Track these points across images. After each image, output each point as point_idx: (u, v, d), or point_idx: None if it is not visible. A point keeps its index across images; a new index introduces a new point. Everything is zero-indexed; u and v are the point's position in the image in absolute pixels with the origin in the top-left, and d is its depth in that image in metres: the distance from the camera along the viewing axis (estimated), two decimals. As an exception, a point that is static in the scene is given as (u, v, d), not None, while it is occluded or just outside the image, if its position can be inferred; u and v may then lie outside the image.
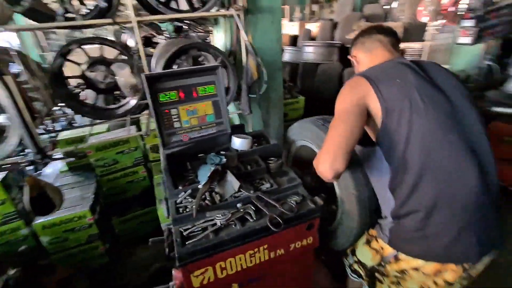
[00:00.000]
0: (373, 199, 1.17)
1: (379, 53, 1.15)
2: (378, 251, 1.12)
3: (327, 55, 4.03)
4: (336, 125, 1.00)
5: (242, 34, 1.62)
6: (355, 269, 1.28)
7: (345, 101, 1.02)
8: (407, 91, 0.95)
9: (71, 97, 1.99)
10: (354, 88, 1.03)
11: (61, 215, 1.80)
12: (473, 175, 0.90)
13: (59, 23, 1.36)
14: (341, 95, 1.05)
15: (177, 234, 1.05)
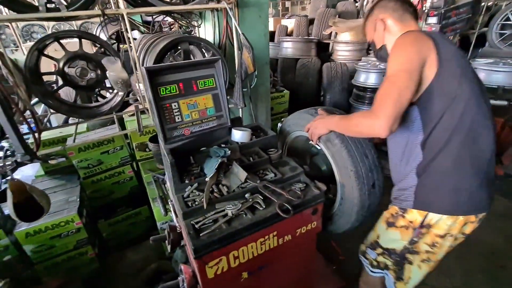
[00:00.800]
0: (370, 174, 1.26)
1: (412, 25, 1.10)
2: (408, 226, 1.13)
3: (305, 50, 4.14)
4: (395, 80, 0.96)
5: (237, 28, 1.62)
6: (380, 262, 1.27)
7: (408, 53, 0.97)
8: (454, 56, 1.00)
9: (49, 94, 1.86)
10: (418, 41, 0.98)
11: (46, 220, 1.69)
12: (491, 136, 1.01)
13: (42, 14, 1.26)
14: (402, 46, 1.00)
15: (189, 227, 1.04)
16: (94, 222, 2.14)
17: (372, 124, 0.97)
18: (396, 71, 0.97)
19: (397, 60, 0.99)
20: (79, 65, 1.88)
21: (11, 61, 1.49)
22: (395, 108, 0.93)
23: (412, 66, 0.95)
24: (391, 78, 0.97)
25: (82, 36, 1.89)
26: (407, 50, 0.98)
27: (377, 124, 0.95)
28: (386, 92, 0.96)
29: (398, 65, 0.97)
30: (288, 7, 8.91)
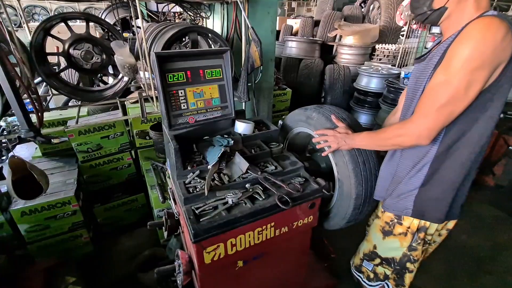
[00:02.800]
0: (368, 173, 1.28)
1: (487, 3, 0.83)
2: (406, 232, 1.11)
3: (309, 51, 4.16)
4: (456, 85, 0.80)
5: (246, 21, 1.63)
6: (379, 273, 1.24)
7: (486, 55, 0.75)
8: None
9: (53, 75, 1.85)
10: (503, 40, 0.73)
11: (43, 200, 1.68)
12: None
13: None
14: (482, 42, 0.75)
15: (190, 212, 1.06)
16: (90, 207, 2.14)
17: (411, 131, 0.91)
18: (457, 71, 0.79)
19: (468, 58, 0.76)
20: (85, 48, 1.87)
21: (18, 39, 1.48)
22: (443, 120, 0.86)
23: (484, 73, 0.78)
24: (450, 80, 0.80)
25: (90, 19, 1.88)
26: (485, 49, 0.75)
27: (415, 134, 0.90)
28: (438, 97, 0.83)
29: (467, 67, 0.77)
30: (294, 7, 8.93)
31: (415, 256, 1.13)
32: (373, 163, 1.34)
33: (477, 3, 0.81)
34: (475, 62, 0.76)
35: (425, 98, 0.88)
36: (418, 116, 0.89)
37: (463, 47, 0.77)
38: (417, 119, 0.90)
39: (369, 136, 1.12)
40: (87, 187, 2.22)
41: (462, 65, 0.78)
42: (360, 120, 3.28)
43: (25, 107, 1.17)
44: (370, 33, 3.92)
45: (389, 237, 1.15)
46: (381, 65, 3.39)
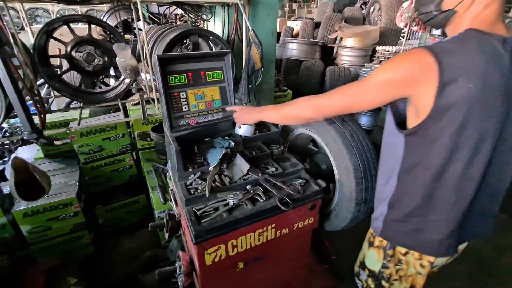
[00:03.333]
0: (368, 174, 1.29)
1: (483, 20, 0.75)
2: (380, 246, 1.05)
3: (309, 52, 4.18)
4: (364, 87, 0.86)
5: (247, 23, 1.65)
6: (369, 284, 1.16)
7: (396, 76, 0.80)
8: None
9: (55, 77, 1.87)
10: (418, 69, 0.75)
11: (45, 202, 1.69)
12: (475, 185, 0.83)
13: (57, -4, 1.28)
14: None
15: (191, 214, 1.07)
16: (92, 208, 2.15)
17: (302, 104, 1.03)
18: (372, 78, 0.85)
19: (383, 69, 0.82)
20: (87, 50, 1.89)
21: (21, 42, 1.50)
22: (339, 106, 0.95)
23: (389, 89, 0.82)
24: (364, 81, 0.87)
25: (92, 21, 1.90)
26: (398, 68, 0.78)
27: (302, 108, 1.02)
28: (349, 87, 0.92)
29: (378, 75, 0.83)
30: (295, 9, 8.96)
31: (387, 274, 1.05)
32: (374, 165, 1.34)
33: (475, 18, 0.75)
34: (386, 74, 0.79)
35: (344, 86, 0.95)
36: (326, 94, 0.97)
37: (389, 60, 0.82)
38: (323, 96, 0.98)
39: (275, 107, 1.17)
40: (89, 189, 2.23)
41: (376, 72, 0.82)
42: (361, 122, 3.29)
43: (28, 109, 1.18)
44: (371, 35, 3.93)
45: (371, 248, 1.09)
46: (382, 67, 3.40)
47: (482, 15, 0.74)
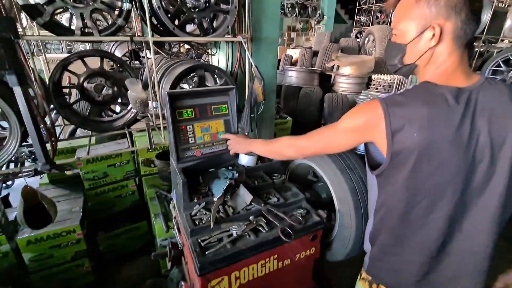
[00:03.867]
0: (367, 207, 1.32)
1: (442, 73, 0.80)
2: (366, 279, 1.04)
3: (308, 80, 4.35)
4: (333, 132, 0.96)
5: (250, 60, 1.77)
6: None
7: (355, 123, 0.89)
8: None
9: (66, 106, 1.95)
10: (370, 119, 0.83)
11: (49, 229, 1.71)
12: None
13: (77, 37, 1.40)
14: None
15: (196, 245, 1.10)
16: (93, 234, 2.15)
17: (285, 145, 1.12)
18: (338, 125, 0.93)
19: (347, 116, 0.90)
20: (98, 81, 2.00)
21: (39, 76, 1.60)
22: (316, 147, 1.03)
23: (350, 135, 0.92)
24: (334, 125, 0.95)
25: (104, 56, 2.03)
26: (357, 117, 0.87)
27: (285, 150, 1.11)
28: (323, 130, 1.00)
29: (343, 122, 0.91)
30: (294, 37, 9.42)
31: None
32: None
33: (435, 70, 0.80)
34: (350, 121, 0.87)
35: (319, 129, 1.03)
36: (304, 136, 1.04)
37: (349, 112, 0.89)
38: (302, 138, 1.05)
39: (263, 143, 1.26)
40: (91, 215, 2.25)
41: (343, 119, 0.90)
42: (359, 148, 3.34)
43: (43, 140, 1.24)
44: (366, 64, 4.12)
45: (360, 280, 1.09)
46: (378, 94, 3.54)
47: (442, 67, 0.79)
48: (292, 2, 8.23)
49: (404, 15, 0.81)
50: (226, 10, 1.75)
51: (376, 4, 7.29)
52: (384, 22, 7.19)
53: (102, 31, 1.46)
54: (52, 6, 1.33)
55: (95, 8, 1.45)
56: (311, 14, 8.62)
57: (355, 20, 7.83)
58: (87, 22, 1.38)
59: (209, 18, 1.74)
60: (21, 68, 1.16)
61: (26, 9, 1.28)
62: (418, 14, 0.77)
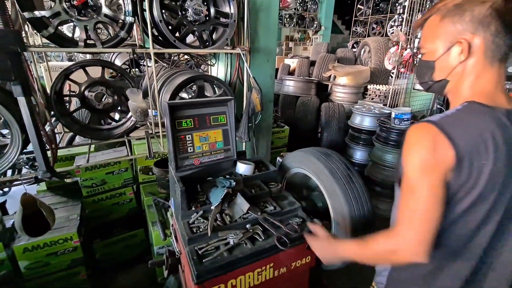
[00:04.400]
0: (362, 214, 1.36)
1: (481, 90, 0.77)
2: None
3: (305, 89, 4.43)
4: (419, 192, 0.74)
5: (248, 71, 1.82)
6: None
7: (426, 163, 0.75)
8: None
9: (66, 114, 1.98)
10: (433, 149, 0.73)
11: (46, 236, 1.71)
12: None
13: (81, 49, 1.44)
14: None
15: (193, 253, 1.12)
16: (89, 242, 2.15)
17: (397, 251, 0.77)
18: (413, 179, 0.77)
19: (414, 163, 0.75)
20: (99, 90, 2.04)
21: (41, 85, 1.64)
22: (429, 229, 0.74)
23: (430, 178, 0.75)
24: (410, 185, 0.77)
25: (105, 65, 2.07)
26: (422, 154, 0.74)
27: (407, 253, 0.75)
28: (411, 204, 0.76)
29: (415, 172, 0.75)
30: (291, 47, 9.58)
31: None
32: (366, 203, 1.42)
33: (472, 87, 0.76)
34: (419, 168, 0.73)
35: (402, 203, 0.79)
36: (402, 226, 0.77)
37: (406, 153, 0.76)
38: (402, 230, 0.77)
39: (355, 250, 0.91)
40: (88, 222, 2.25)
41: (411, 171, 0.75)
42: (355, 157, 3.40)
43: (45, 149, 1.27)
44: (362, 74, 4.21)
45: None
46: (374, 104, 3.61)
47: (480, 84, 0.76)
48: (290, 12, 8.41)
49: (430, 34, 0.80)
50: (225, 23, 1.81)
51: (372, 16, 7.47)
52: (379, 33, 7.36)
53: (105, 43, 1.50)
54: (57, 19, 1.37)
55: (99, 21, 1.49)
56: (308, 25, 8.81)
57: (352, 31, 8.00)
58: (91, 34, 1.42)
59: (208, 31, 1.80)
60: (26, 79, 1.20)
61: (32, 22, 1.33)
62: (443, 31, 0.76)
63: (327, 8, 8.66)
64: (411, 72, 3.63)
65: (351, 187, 1.40)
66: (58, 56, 6.65)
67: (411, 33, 3.43)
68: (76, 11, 1.43)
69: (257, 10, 2.03)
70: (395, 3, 6.68)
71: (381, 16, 7.34)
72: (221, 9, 1.80)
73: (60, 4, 1.38)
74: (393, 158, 2.83)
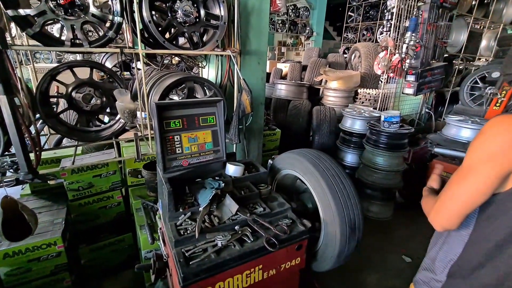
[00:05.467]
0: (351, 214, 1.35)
1: None
2: None
3: (297, 93, 4.46)
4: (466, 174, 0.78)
5: (238, 73, 1.82)
6: None
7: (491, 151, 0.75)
8: None
9: (52, 115, 1.94)
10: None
11: (29, 241, 1.65)
12: None
13: (67, 48, 1.41)
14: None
15: (180, 255, 1.09)
16: (75, 247, 2.08)
17: (433, 218, 0.86)
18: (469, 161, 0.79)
19: (477, 147, 0.77)
20: (87, 91, 2.00)
21: (26, 85, 1.60)
22: (458, 207, 0.79)
23: (489, 167, 0.75)
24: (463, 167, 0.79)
25: (94, 66, 2.04)
26: (492, 144, 0.74)
27: (435, 222, 0.85)
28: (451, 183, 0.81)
29: (474, 156, 0.77)
30: (284, 51, 9.67)
31: None
32: (354, 200, 1.42)
33: None
34: (483, 152, 0.74)
35: (447, 184, 0.84)
36: (437, 202, 0.85)
37: (482, 138, 0.77)
38: (436, 206, 0.85)
39: (424, 196, 1.02)
40: (74, 227, 2.18)
41: (467, 156, 0.78)
42: (346, 159, 3.42)
43: (27, 149, 1.23)
44: (353, 78, 4.27)
45: None
46: (364, 108, 3.66)
47: None
48: (283, 18, 8.52)
49: None
50: (215, 25, 1.81)
51: (363, 22, 7.62)
52: (370, 40, 7.51)
53: (93, 43, 1.48)
54: (42, 17, 1.35)
55: (86, 21, 1.47)
56: (301, 30, 8.93)
57: (343, 37, 8.15)
58: (78, 33, 1.40)
59: (199, 33, 1.80)
60: (7, 77, 1.16)
61: (16, 20, 1.30)
62: None
63: (319, 15, 8.81)
64: (399, 77, 3.70)
65: (340, 188, 1.40)
66: (48, 58, 6.53)
67: (399, 38, 3.51)
68: (62, 10, 1.41)
69: (248, 13, 2.04)
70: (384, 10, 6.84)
71: (371, 23, 7.50)
72: (211, 11, 1.80)
73: (46, 3, 1.35)
74: (383, 161, 2.86)
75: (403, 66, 3.52)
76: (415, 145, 3.41)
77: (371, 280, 2.26)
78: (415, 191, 1.43)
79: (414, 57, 3.55)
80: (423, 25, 3.52)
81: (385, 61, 3.38)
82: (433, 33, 3.68)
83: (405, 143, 2.89)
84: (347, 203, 1.39)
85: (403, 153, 2.91)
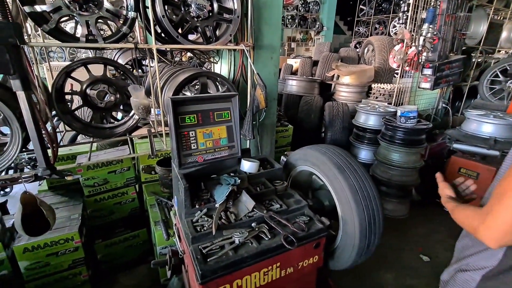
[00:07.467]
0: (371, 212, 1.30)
1: None
2: None
3: (309, 88, 4.39)
4: None
5: (252, 68, 1.78)
6: None
7: None
8: None
9: (68, 112, 1.96)
10: None
11: (47, 236, 1.68)
12: None
13: (82, 44, 1.41)
14: None
15: (197, 252, 1.08)
16: (91, 242, 2.12)
17: (482, 233, 0.78)
18: None
19: None
20: (101, 88, 2.01)
21: (42, 83, 1.61)
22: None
23: None
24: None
25: (107, 63, 2.05)
26: None
27: (482, 234, 0.77)
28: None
29: None
30: (294, 47, 9.55)
31: None
32: (375, 201, 1.37)
33: None
34: None
35: (497, 194, 0.76)
36: (489, 216, 0.76)
37: None
38: (487, 220, 0.76)
39: (452, 208, 0.97)
40: (90, 222, 2.22)
41: None
42: (360, 156, 3.35)
43: (45, 146, 1.24)
44: (366, 73, 4.16)
45: None
46: (378, 103, 3.56)
47: None
48: (292, 13, 8.39)
49: None
50: (229, 19, 1.78)
51: (375, 16, 7.42)
52: (382, 33, 7.31)
53: (107, 39, 1.48)
54: (58, 14, 1.35)
55: (100, 16, 1.47)
56: (310, 25, 8.78)
57: (354, 31, 7.97)
58: (92, 29, 1.39)
59: (212, 27, 1.77)
60: (25, 73, 1.17)
61: (32, 16, 1.30)
62: None
63: (329, 9, 8.64)
64: (415, 71, 3.58)
65: (360, 185, 1.35)
66: (61, 57, 6.67)
67: (415, 31, 3.38)
68: (77, 6, 1.41)
69: (261, 6, 2.00)
70: (398, 2, 6.64)
71: (384, 16, 7.29)
72: (224, 4, 1.77)
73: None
74: (399, 157, 2.78)
75: (420, 60, 3.39)
76: (432, 141, 3.30)
77: (387, 279, 2.21)
78: (432, 188, 1.37)
79: (432, 50, 3.42)
80: (441, 16, 3.38)
81: (401, 54, 3.27)
82: (452, 24, 3.53)
83: (423, 139, 2.80)
84: (367, 201, 1.34)
85: (420, 149, 2.82)
